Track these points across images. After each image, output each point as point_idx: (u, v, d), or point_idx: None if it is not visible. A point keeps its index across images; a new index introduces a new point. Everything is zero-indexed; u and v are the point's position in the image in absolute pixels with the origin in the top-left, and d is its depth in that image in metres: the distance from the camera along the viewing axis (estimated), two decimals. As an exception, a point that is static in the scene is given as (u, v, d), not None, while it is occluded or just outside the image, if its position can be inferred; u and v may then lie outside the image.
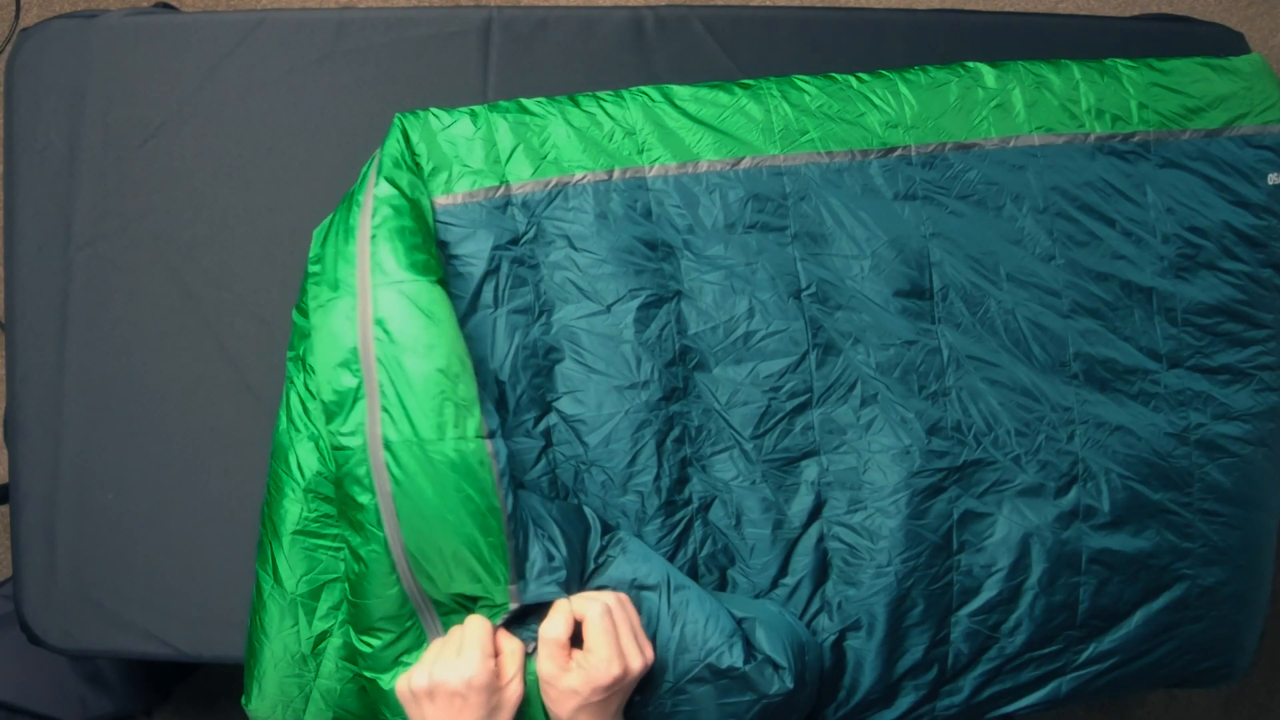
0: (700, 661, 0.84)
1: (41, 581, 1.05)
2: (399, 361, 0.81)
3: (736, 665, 0.84)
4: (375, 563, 0.83)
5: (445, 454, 0.80)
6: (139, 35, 1.06)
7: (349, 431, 0.82)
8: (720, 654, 0.84)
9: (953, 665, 0.97)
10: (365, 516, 0.82)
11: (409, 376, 0.80)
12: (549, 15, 1.07)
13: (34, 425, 1.05)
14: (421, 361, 0.80)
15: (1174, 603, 1.01)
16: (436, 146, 0.93)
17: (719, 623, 0.86)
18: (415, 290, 0.82)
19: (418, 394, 0.80)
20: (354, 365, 0.83)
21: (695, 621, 0.85)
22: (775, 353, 0.95)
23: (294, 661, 0.93)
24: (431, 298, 0.82)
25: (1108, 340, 1.00)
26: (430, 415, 0.80)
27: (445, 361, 0.81)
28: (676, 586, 0.87)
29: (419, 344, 0.81)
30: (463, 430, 0.80)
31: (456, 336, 0.82)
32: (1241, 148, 1.03)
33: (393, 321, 0.81)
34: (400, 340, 0.81)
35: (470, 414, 0.81)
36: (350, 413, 0.83)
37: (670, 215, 0.96)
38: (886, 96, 0.99)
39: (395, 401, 0.80)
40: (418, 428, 0.80)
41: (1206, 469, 1.02)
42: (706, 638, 0.85)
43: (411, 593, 0.83)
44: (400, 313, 0.81)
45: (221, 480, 1.05)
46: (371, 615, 0.85)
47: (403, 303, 0.82)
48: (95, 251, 1.05)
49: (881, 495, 0.95)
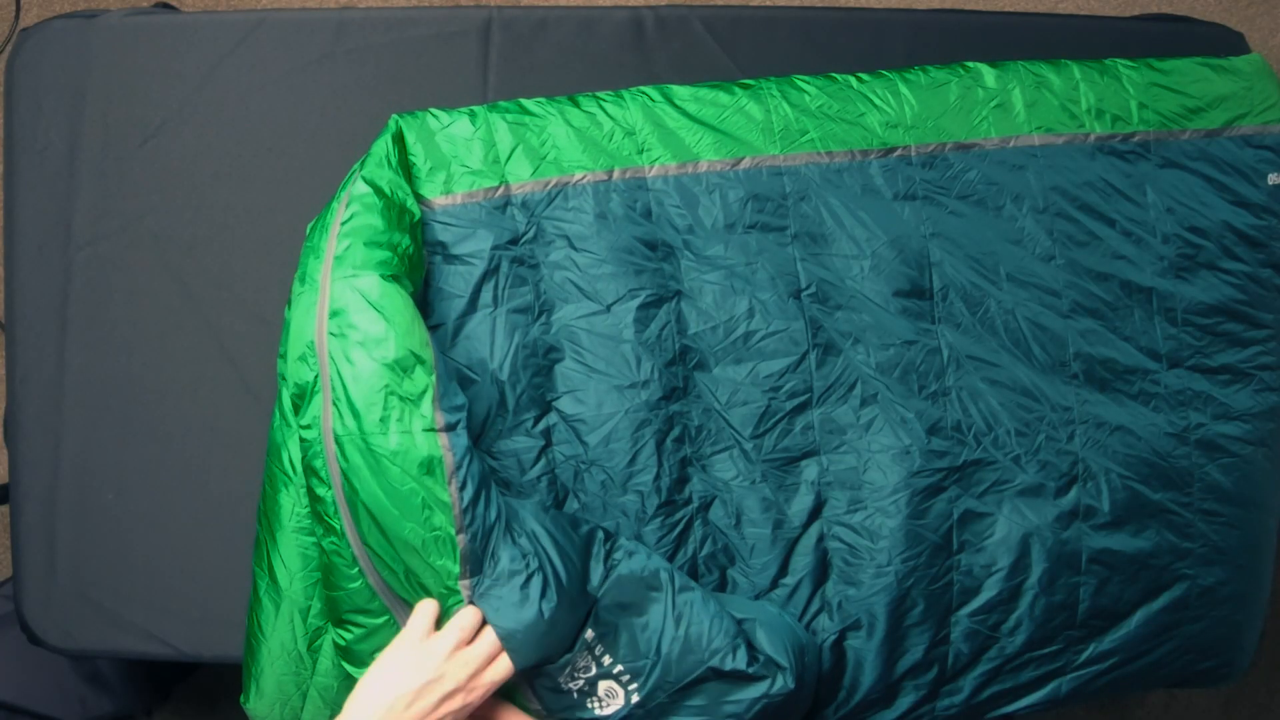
0: (704, 663, 0.84)
1: (41, 581, 1.05)
2: (347, 355, 0.80)
3: (740, 668, 0.84)
4: (335, 555, 0.83)
5: (387, 447, 0.79)
6: (139, 35, 1.06)
7: (307, 424, 0.83)
8: (724, 656, 0.84)
9: (953, 665, 0.97)
10: (323, 509, 0.83)
11: (356, 370, 0.80)
12: (549, 15, 1.07)
13: (34, 425, 1.05)
14: (368, 355, 0.80)
15: (1174, 603, 1.01)
16: (435, 147, 0.93)
17: (723, 625, 0.86)
18: (367, 285, 0.82)
19: (362, 387, 0.80)
20: (311, 358, 0.83)
21: (700, 623, 0.85)
22: (775, 352, 0.95)
23: (291, 659, 0.93)
24: (384, 292, 0.82)
25: (1108, 340, 1.00)
26: (374, 409, 0.79)
27: (394, 355, 0.80)
28: (681, 588, 0.87)
29: (367, 337, 0.80)
30: (407, 424, 0.80)
31: (411, 331, 0.82)
32: (1241, 148, 1.03)
33: (344, 315, 0.81)
34: (349, 334, 0.81)
35: (418, 408, 0.80)
36: (309, 406, 0.83)
37: (670, 215, 0.96)
38: (886, 96, 0.99)
39: (343, 395, 0.80)
40: (362, 421, 0.79)
41: (1206, 469, 1.01)
42: (711, 639, 0.85)
43: (378, 587, 0.83)
44: (352, 306, 0.81)
45: (221, 480, 1.05)
46: (340, 607, 0.85)
47: (353, 296, 0.81)
48: (95, 251, 1.05)
49: (881, 495, 0.95)
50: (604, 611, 0.85)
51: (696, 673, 0.84)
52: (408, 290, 0.84)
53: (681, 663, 0.84)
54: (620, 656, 0.84)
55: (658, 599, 0.86)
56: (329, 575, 0.85)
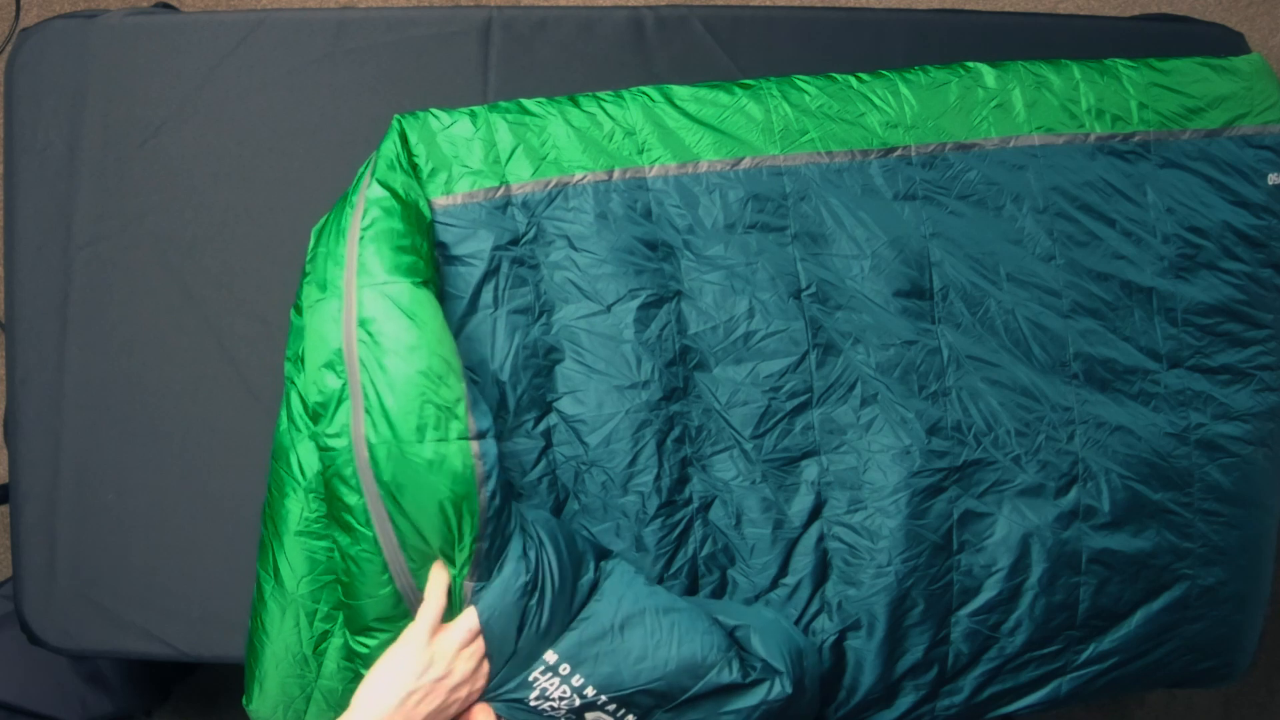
0: (698, 679, 0.85)
1: (41, 581, 1.05)
2: (380, 363, 0.80)
3: (737, 681, 0.85)
4: (365, 562, 0.83)
5: (424, 455, 0.79)
6: (139, 35, 1.06)
7: (334, 433, 0.82)
8: (720, 670, 0.85)
9: (953, 665, 0.97)
10: (353, 517, 0.82)
11: (390, 378, 0.80)
12: (549, 15, 1.07)
13: (34, 425, 1.05)
14: (403, 363, 0.80)
15: (1174, 603, 1.01)
16: (436, 147, 0.93)
17: (714, 640, 0.86)
18: (398, 292, 0.82)
19: (398, 396, 0.80)
20: (339, 366, 0.83)
21: (689, 643, 0.85)
22: (775, 353, 0.95)
23: (295, 662, 0.92)
24: (415, 299, 0.82)
25: (1108, 340, 1.00)
26: (410, 417, 0.80)
27: (427, 363, 0.80)
28: (666, 609, 0.87)
29: (401, 345, 0.80)
30: (443, 432, 0.80)
31: (442, 338, 0.82)
32: (1241, 148, 1.03)
33: (375, 323, 0.81)
34: (382, 342, 0.81)
35: (453, 415, 0.80)
36: (335, 414, 0.83)
37: (670, 215, 0.96)
38: (886, 96, 0.99)
39: (376, 403, 0.80)
40: (397, 430, 0.79)
41: (1206, 469, 1.02)
42: (704, 656, 0.85)
43: (406, 593, 0.83)
44: (383, 314, 0.81)
45: (221, 480, 1.05)
46: (365, 616, 0.85)
47: (385, 304, 0.81)
48: (95, 251, 1.05)
49: (882, 495, 0.95)
50: (583, 645, 0.85)
51: (693, 690, 0.85)
52: (435, 295, 0.85)
53: (675, 684, 0.85)
54: (603, 687, 0.84)
55: (639, 625, 0.86)
56: (354, 584, 0.84)
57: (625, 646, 0.85)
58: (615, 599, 0.87)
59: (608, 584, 0.88)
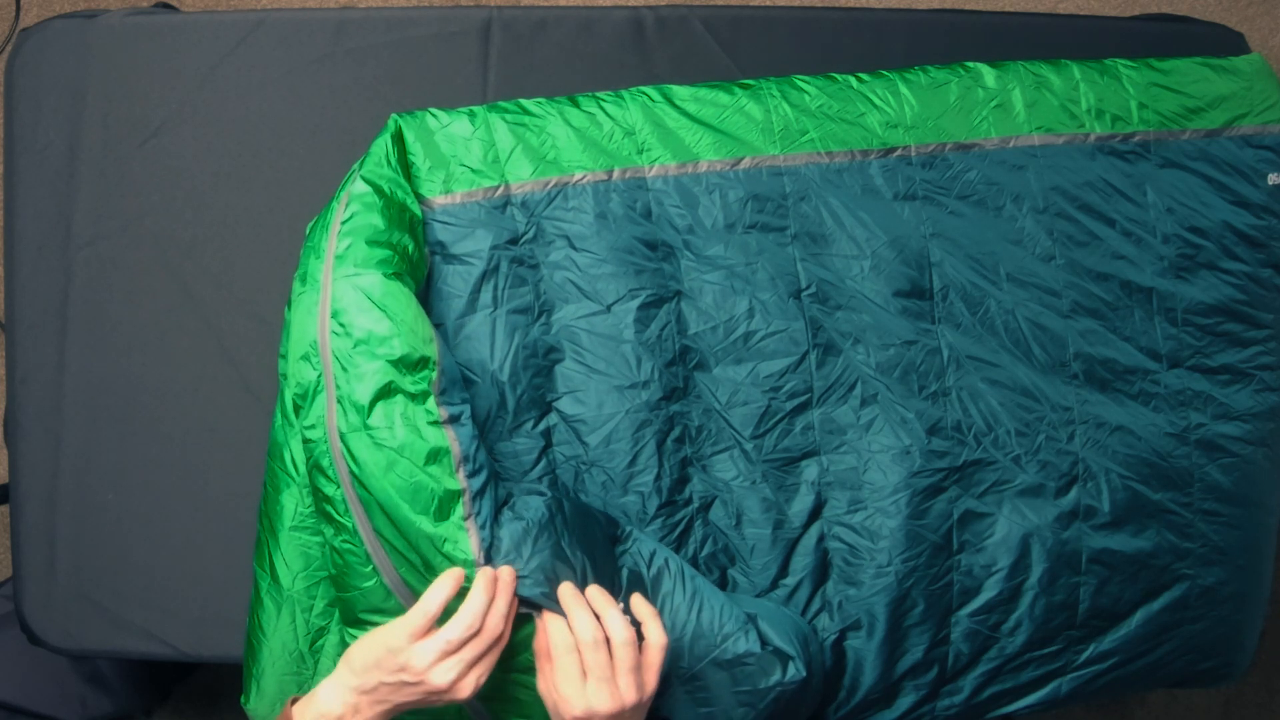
0: (715, 647, 0.84)
1: (41, 581, 1.05)
2: (349, 354, 0.81)
3: (753, 650, 0.84)
4: (349, 554, 0.83)
5: (394, 441, 0.79)
6: (139, 35, 1.06)
7: (310, 425, 0.83)
8: (736, 639, 0.84)
9: (953, 665, 0.97)
10: (333, 508, 0.83)
11: (359, 368, 0.80)
12: (549, 15, 1.07)
13: (34, 425, 1.05)
14: (371, 353, 0.80)
15: (1174, 603, 1.01)
16: (434, 146, 0.93)
17: (732, 610, 0.85)
18: (370, 283, 0.82)
19: (366, 385, 0.80)
20: (314, 358, 0.83)
21: (711, 609, 0.85)
22: (775, 353, 0.95)
23: (292, 659, 0.92)
24: (387, 290, 0.82)
25: (1108, 340, 1.00)
26: (380, 405, 0.80)
27: (398, 353, 0.80)
28: (690, 575, 0.87)
29: (370, 336, 0.81)
30: (411, 419, 0.80)
31: (416, 328, 0.82)
32: (1241, 148, 1.03)
33: (346, 314, 0.81)
34: (352, 333, 0.81)
35: (421, 404, 0.80)
36: (312, 406, 0.83)
37: (670, 215, 0.96)
38: (886, 96, 0.99)
39: (347, 394, 0.80)
40: (365, 418, 0.80)
41: (1206, 469, 1.01)
42: (722, 624, 0.84)
43: (394, 586, 0.83)
44: (354, 305, 0.81)
45: (221, 480, 1.05)
46: (355, 608, 0.85)
47: (356, 295, 0.82)
48: (95, 251, 1.05)
49: (882, 495, 0.95)
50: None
51: (709, 658, 0.84)
52: (410, 288, 0.85)
53: (694, 648, 0.84)
54: None
55: (669, 585, 0.85)
56: (342, 577, 0.84)
57: (656, 605, 0.84)
58: (649, 551, 0.86)
59: (640, 542, 0.87)
